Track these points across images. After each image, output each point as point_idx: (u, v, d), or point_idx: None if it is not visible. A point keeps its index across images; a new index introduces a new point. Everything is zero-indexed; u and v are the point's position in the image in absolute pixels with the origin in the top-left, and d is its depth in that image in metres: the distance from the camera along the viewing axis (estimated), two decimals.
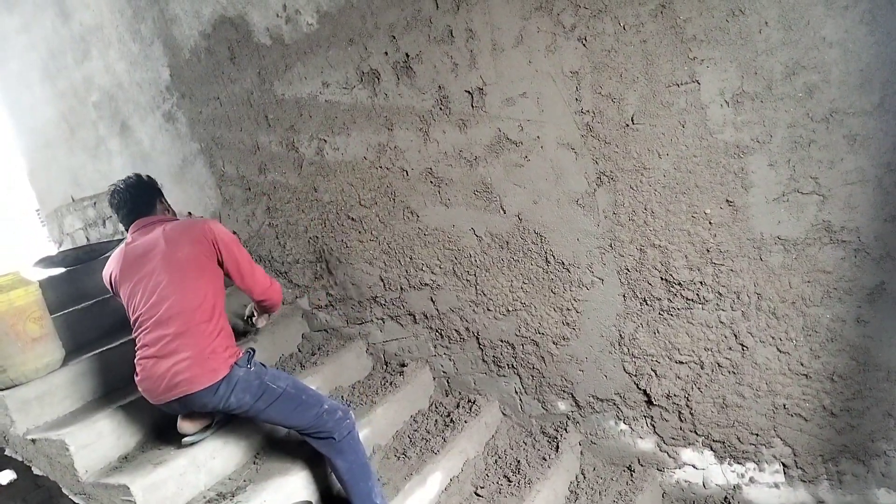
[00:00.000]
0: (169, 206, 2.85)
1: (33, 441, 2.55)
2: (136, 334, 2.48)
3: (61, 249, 5.22)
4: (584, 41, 2.43)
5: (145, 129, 4.20)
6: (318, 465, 2.64)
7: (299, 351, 3.58)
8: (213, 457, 2.60)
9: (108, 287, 2.68)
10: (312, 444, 2.49)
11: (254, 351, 2.54)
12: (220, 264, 2.60)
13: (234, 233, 3.12)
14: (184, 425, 2.58)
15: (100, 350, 3.00)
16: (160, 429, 2.76)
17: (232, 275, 2.64)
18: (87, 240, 5.06)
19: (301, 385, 2.54)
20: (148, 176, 2.82)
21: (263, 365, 2.57)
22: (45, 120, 4.92)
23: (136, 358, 2.45)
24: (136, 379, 2.45)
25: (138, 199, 2.70)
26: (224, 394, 2.36)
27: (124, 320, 2.66)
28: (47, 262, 4.18)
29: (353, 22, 2.99)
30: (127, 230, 2.71)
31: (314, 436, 2.47)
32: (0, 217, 5.91)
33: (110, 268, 2.63)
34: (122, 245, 2.66)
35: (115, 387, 2.98)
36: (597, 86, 2.45)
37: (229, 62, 3.54)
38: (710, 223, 2.35)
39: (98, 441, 2.56)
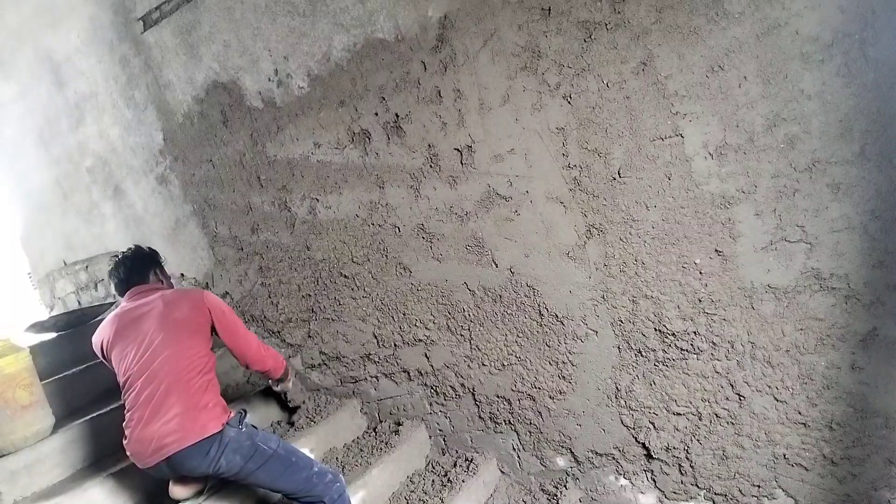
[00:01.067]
0: (165, 276, 2.90)
1: None
2: (124, 397, 2.46)
3: (52, 314, 5.19)
4: (568, 99, 2.49)
5: (138, 193, 4.23)
6: None
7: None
8: None
9: (99, 353, 2.66)
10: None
11: (245, 412, 2.52)
12: (213, 332, 2.64)
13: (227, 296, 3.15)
14: (175, 490, 2.53)
15: (90, 416, 2.96)
16: (152, 496, 2.69)
17: (226, 340, 2.69)
18: (79, 304, 5.03)
19: (291, 448, 2.52)
20: (149, 248, 2.91)
21: (254, 426, 2.54)
22: (40, 185, 4.96)
23: (125, 422, 2.42)
24: (125, 443, 2.40)
25: (132, 269, 2.77)
26: (214, 456, 2.33)
27: (115, 385, 2.63)
28: (38, 327, 4.15)
29: (344, 84, 3.06)
30: (122, 297, 2.74)
31: (303, 499, 2.44)
32: None
33: (101, 334, 2.62)
34: (116, 311, 2.66)
35: (105, 454, 2.93)
36: (583, 141, 2.50)
37: (222, 125, 3.61)
38: (700, 273, 2.37)
39: None
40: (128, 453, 2.41)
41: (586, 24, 2.39)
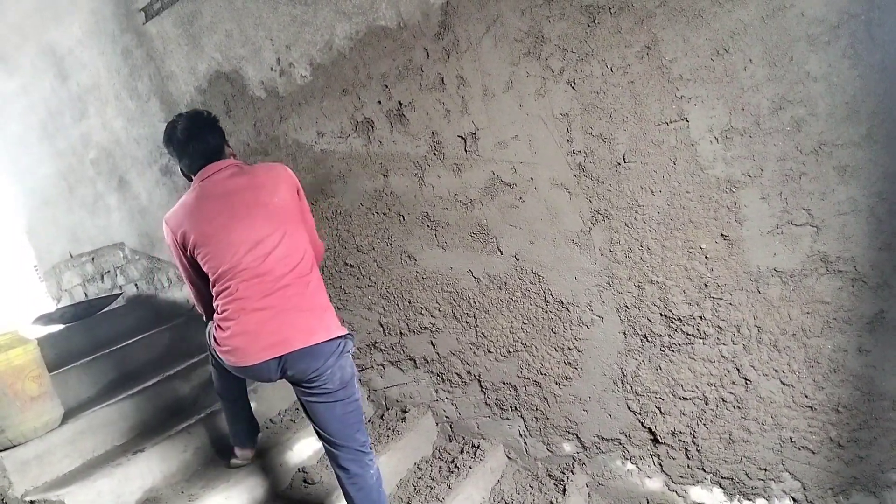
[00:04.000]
0: (233, 151, 2.47)
1: (32, 503, 2.50)
2: (222, 287, 2.18)
3: (60, 306, 5.21)
4: (572, 84, 2.48)
5: (143, 184, 4.24)
6: None
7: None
8: None
9: (176, 242, 2.27)
10: (333, 460, 2.30)
11: (353, 336, 2.34)
12: None
13: None
14: (247, 453, 2.77)
15: (99, 407, 2.98)
16: (161, 484, 2.72)
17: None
18: (86, 295, 5.06)
19: (363, 405, 2.38)
20: (207, 111, 2.40)
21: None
22: (44, 178, 4.97)
23: (226, 312, 2.16)
24: (224, 336, 2.17)
25: (210, 139, 2.31)
26: (331, 363, 2.16)
27: (124, 375, 2.64)
28: (46, 319, 4.18)
29: (346, 73, 3.05)
30: (193, 173, 2.33)
31: (341, 451, 2.25)
32: None
33: (179, 222, 2.24)
34: (191, 195, 2.28)
35: (114, 444, 2.95)
36: (587, 127, 2.49)
37: (225, 115, 3.60)
38: (706, 258, 2.37)
39: (97, 500, 2.52)
40: (223, 348, 2.18)
41: (589, 8, 2.38)
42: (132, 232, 4.47)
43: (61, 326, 4.09)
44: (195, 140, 2.28)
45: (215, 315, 2.25)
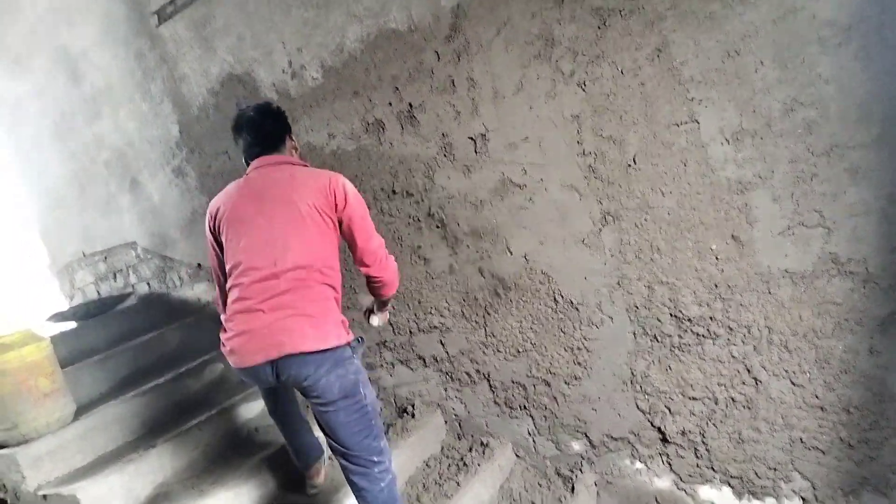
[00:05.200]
0: (297, 145, 2.52)
1: (45, 497, 2.54)
2: (232, 283, 2.19)
3: (72, 304, 5.26)
4: (583, 86, 2.50)
5: (155, 185, 4.27)
6: None
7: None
8: None
9: (209, 224, 2.34)
10: (344, 469, 2.24)
11: (363, 340, 2.27)
12: (340, 224, 2.28)
13: None
14: (320, 479, 2.71)
15: (111, 403, 3.01)
16: (170, 482, 2.75)
17: (347, 236, 2.31)
18: (98, 294, 5.10)
19: (377, 409, 2.27)
20: (278, 106, 2.47)
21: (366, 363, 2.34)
22: (57, 179, 5.01)
23: (231, 312, 2.17)
24: (225, 336, 2.18)
25: (268, 131, 2.37)
26: (323, 373, 2.09)
27: (136, 372, 2.65)
28: (59, 317, 4.22)
29: (357, 75, 3.08)
30: (247, 163, 2.40)
31: (353, 463, 2.20)
32: (12, 274, 5.97)
33: (217, 203, 2.32)
34: (237, 182, 2.35)
35: (126, 440, 2.98)
36: (598, 128, 2.50)
37: None
38: (716, 259, 2.38)
39: (109, 495, 2.55)
40: (225, 349, 2.18)
41: (600, 10, 2.39)
42: (144, 232, 4.51)
43: (74, 324, 4.13)
44: (253, 127, 2.35)
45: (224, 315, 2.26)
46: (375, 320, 2.71)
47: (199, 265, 4.19)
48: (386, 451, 2.25)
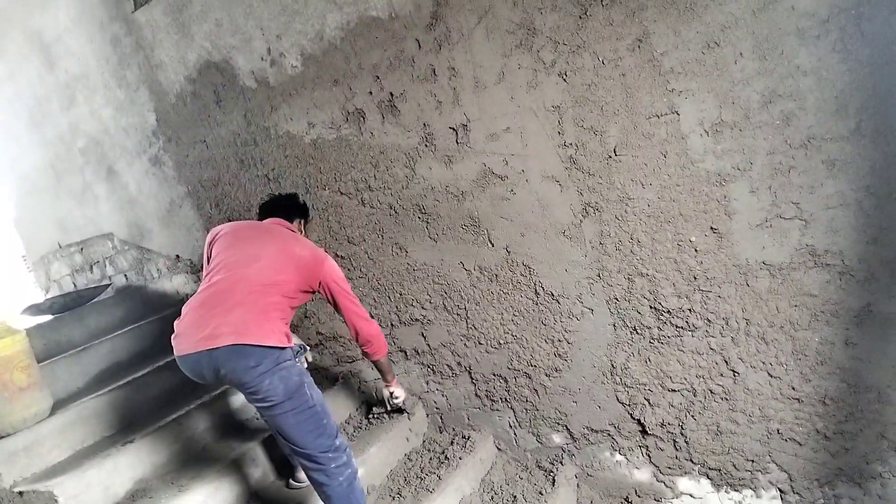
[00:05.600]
0: (305, 232, 2.87)
1: (20, 494, 2.49)
2: (205, 282, 2.39)
3: (48, 296, 5.18)
4: (564, 76, 2.48)
5: (132, 174, 4.21)
6: None
7: None
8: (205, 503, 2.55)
9: (208, 240, 2.59)
10: (303, 468, 2.35)
11: (306, 348, 2.46)
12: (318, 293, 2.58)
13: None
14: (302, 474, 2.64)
15: (88, 397, 2.97)
16: (148, 478, 2.72)
17: (332, 305, 2.62)
18: (74, 286, 5.03)
19: (327, 408, 2.37)
20: (304, 201, 2.94)
21: (307, 368, 2.48)
22: (32, 167, 4.92)
23: (189, 302, 2.33)
24: (177, 320, 2.32)
25: (283, 206, 2.80)
26: (263, 371, 2.17)
27: (113, 366, 2.62)
28: (34, 309, 4.15)
29: (338, 63, 3.04)
30: (261, 217, 2.78)
31: (308, 464, 2.30)
32: None
33: (220, 227, 2.60)
34: (246, 221, 2.73)
35: (104, 435, 2.94)
36: (578, 119, 2.49)
37: (215, 105, 3.58)
38: (695, 251, 2.38)
39: (87, 491, 2.51)
40: (173, 335, 2.30)
41: (581, 0, 2.37)
42: (121, 222, 4.45)
43: (50, 317, 4.07)
44: (280, 200, 2.86)
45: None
46: (399, 390, 3.04)
47: (177, 257, 4.14)
48: (342, 448, 2.34)
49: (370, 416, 3.24)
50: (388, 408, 3.14)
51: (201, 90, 3.62)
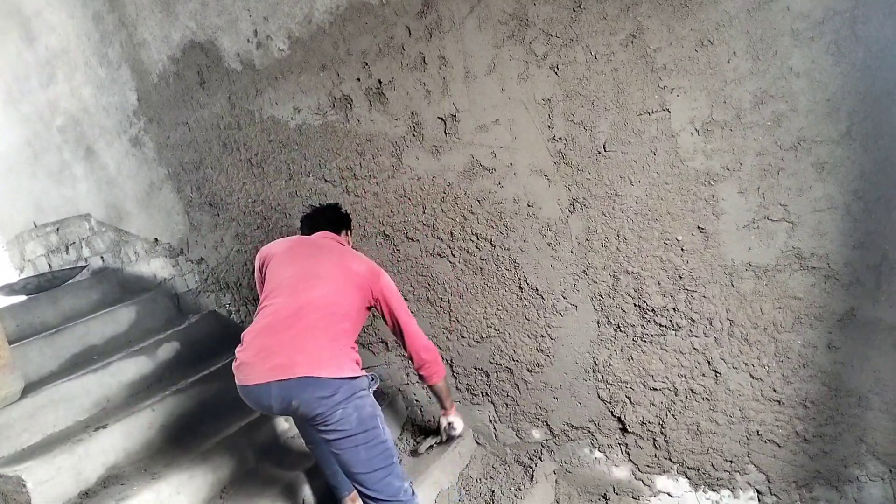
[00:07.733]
0: (352, 241, 2.85)
1: None
2: (260, 306, 2.27)
3: (22, 276, 5.08)
4: (556, 69, 2.45)
5: (111, 154, 4.12)
6: (288, 498, 2.57)
7: None
8: (179, 492, 2.51)
9: (259, 262, 2.51)
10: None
11: (378, 378, 2.29)
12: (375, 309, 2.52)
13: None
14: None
15: (61, 381, 2.91)
16: (121, 464, 2.67)
17: (394, 321, 2.52)
18: (49, 266, 4.93)
19: (394, 448, 2.23)
20: (346, 210, 2.86)
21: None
22: (8, 145, 4.81)
23: (250, 328, 2.20)
24: (239, 348, 2.18)
25: (329, 217, 2.72)
26: (338, 401, 2.05)
27: (87, 349, 2.56)
28: (7, 290, 4.06)
29: (325, 48, 2.98)
30: (309, 231, 2.70)
31: (375, 500, 2.15)
32: None
33: (270, 246, 2.52)
34: (296, 236, 2.64)
35: (76, 419, 2.89)
36: (569, 113, 2.46)
37: (199, 87, 3.51)
38: (682, 250, 2.36)
39: (57, 477, 2.47)
40: (236, 362, 2.16)
41: None
42: (99, 203, 4.36)
43: (23, 297, 3.98)
44: (325, 212, 2.75)
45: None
46: (457, 420, 2.86)
47: (155, 240, 4.07)
48: (407, 486, 2.20)
49: (428, 449, 2.98)
50: (443, 438, 2.96)
51: (185, 71, 3.54)
